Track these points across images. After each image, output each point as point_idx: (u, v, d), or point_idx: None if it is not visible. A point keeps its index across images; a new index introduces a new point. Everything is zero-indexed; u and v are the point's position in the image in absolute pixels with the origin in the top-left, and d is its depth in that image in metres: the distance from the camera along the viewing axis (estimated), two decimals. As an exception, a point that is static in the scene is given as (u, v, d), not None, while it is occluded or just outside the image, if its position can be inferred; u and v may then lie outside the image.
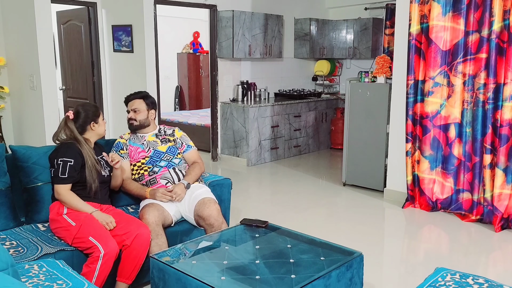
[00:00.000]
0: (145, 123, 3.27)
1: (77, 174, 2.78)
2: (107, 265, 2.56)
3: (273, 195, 5.28)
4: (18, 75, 5.03)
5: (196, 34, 9.66)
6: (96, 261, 2.53)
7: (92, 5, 5.66)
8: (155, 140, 3.27)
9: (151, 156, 3.20)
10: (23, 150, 2.96)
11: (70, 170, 2.76)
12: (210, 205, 3.01)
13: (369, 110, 5.10)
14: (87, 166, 2.81)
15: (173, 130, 3.39)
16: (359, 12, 7.46)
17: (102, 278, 2.57)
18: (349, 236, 3.97)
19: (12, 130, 5.36)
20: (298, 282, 2.21)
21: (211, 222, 2.97)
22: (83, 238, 2.62)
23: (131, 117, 3.27)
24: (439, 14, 4.23)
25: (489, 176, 4.10)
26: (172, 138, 3.32)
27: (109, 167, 3.01)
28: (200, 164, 3.33)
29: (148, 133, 3.30)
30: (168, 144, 3.27)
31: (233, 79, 6.76)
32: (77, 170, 2.78)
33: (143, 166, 3.19)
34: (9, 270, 1.73)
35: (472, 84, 4.18)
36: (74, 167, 2.78)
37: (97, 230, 2.64)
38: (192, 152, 3.35)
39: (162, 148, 3.24)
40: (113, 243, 2.61)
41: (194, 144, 3.41)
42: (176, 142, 3.31)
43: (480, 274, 2.45)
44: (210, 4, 6.29)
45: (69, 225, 2.68)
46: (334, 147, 7.47)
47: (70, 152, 2.80)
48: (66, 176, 2.75)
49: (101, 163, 2.95)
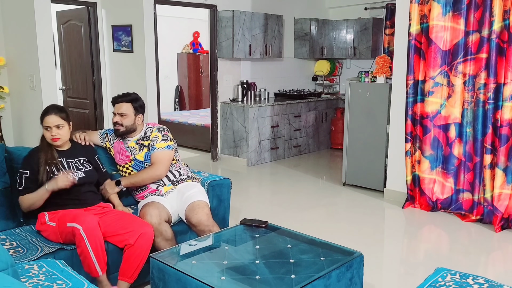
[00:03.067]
0: (131, 129, 3.13)
1: (35, 184, 2.75)
2: (94, 237, 2.54)
3: (273, 195, 5.28)
4: (18, 75, 5.03)
5: (196, 34, 9.66)
6: (82, 240, 2.52)
7: (92, 5, 5.66)
8: (134, 147, 3.16)
9: (133, 161, 3.16)
10: (18, 152, 2.96)
11: (26, 181, 2.77)
12: (199, 211, 2.96)
13: (369, 110, 5.10)
14: (39, 173, 2.77)
15: (152, 130, 3.18)
16: (359, 12, 7.46)
17: (101, 256, 2.56)
18: (349, 236, 3.96)
19: (12, 130, 5.35)
20: (298, 282, 2.21)
21: (202, 228, 2.95)
22: (64, 230, 2.63)
23: (117, 122, 3.10)
24: (439, 14, 4.23)
25: (489, 176, 4.09)
26: (147, 143, 3.13)
27: (86, 168, 2.95)
28: (155, 167, 3.06)
29: (132, 138, 3.19)
30: (144, 151, 3.14)
31: (233, 79, 6.76)
32: (34, 181, 2.76)
33: (130, 170, 3.17)
34: (9, 270, 1.73)
35: (472, 84, 4.18)
36: (30, 178, 2.77)
37: (69, 216, 2.65)
38: (153, 155, 3.09)
39: (139, 156, 3.14)
40: (88, 217, 2.61)
41: (166, 144, 3.12)
42: (149, 147, 3.13)
43: (480, 274, 2.45)
44: (210, 4, 6.29)
45: (52, 227, 2.71)
46: (334, 147, 7.47)
47: (27, 163, 2.81)
48: (21, 188, 2.76)
49: (73, 165, 2.90)
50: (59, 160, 2.86)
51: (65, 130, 2.87)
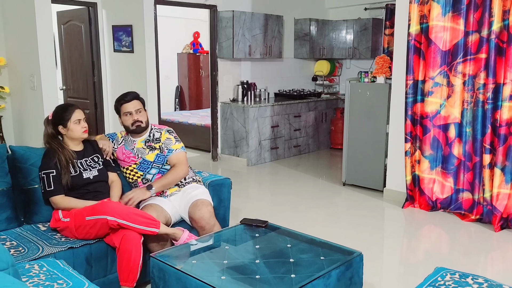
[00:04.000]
0: (147, 124, 3.17)
1: (61, 183, 2.79)
2: (122, 213, 2.57)
3: (273, 195, 5.28)
4: (19, 75, 5.03)
5: (196, 34, 9.66)
6: (115, 225, 2.56)
7: (92, 5, 5.67)
8: (143, 147, 3.15)
9: (140, 163, 3.14)
10: (22, 151, 2.96)
11: (54, 180, 2.78)
12: (202, 207, 2.98)
13: (369, 110, 5.11)
14: (61, 173, 2.80)
15: (161, 133, 3.20)
16: (359, 12, 7.47)
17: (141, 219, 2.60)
18: (349, 236, 3.97)
19: (13, 130, 5.36)
20: (298, 282, 2.22)
21: (203, 224, 2.95)
22: (83, 224, 2.64)
23: (137, 119, 3.09)
24: (439, 14, 4.23)
25: (489, 176, 4.10)
26: (158, 145, 3.15)
27: (99, 166, 2.98)
28: (179, 168, 3.11)
29: (139, 138, 3.18)
30: (155, 152, 3.14)
31: (233, 79, 6.76)
32: (60, 180, 2.79)
33: (135, 172, 3.16)
34: (9, 270, 1.73)
35: (472, 84, 4.18)
36: (57, 177, 2.79)
37: (86, 210, 2.67)
38: (173, 156, 3.13)
39: (149, 157, 3.13)
40: (103, 203, 2.66)
41: (181, 145, 3.20)
42: (162, 149, 3.15)
43: (479, 273, 2.46)
44: (210, 5, 6.30)
45: (66, 223, 2.72)
46: (334, 147, 7.47)
47: (48, 162, 2.81)
48: (53, 188, 2.78)
49: (86, 164, 2.92)
50: (74, 159, 2.89)
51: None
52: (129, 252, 2.58)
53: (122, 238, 2.60)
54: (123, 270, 2.61)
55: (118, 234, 2.62)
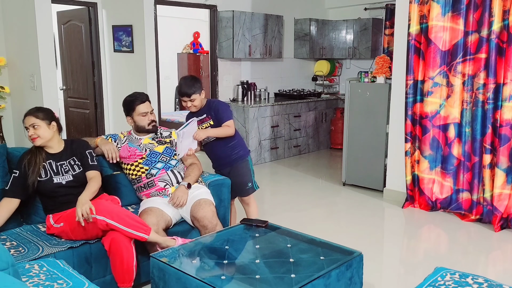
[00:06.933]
0: (157, 122, 3.33)
1: (22, 186, 2.73)
2: (111, 213, 2.55)
3: (273, 195, 5.28)
4: (19, 75, 5.04)
5: (196, 34, 9.65)
6: (103, 225, 2.54)
7: (92, 5, 5.67)
8: (151, 142, 3.24)
9: (147, 156, 3.16)
10: (17, 153, 2.96)
11: (13, 182, 2.74)
12: (205, 207, 2.99)
13: (369, 110, 5.11)
14: (27, 175, 2.75)
15: (170, 132, 3.35)
16: (359, 12, 7.47)
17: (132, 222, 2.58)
18: (349, 236, 3.97)
19: (13, 130, 5.36)
20: (298, 282, 2.22)
21: (205, 223, 2.96)
22: (76, 226, 2.62)
23: (153, 119, 3.23)
24: (439, 14, 4.24)
25: (489, 176, 4.10)
26: (169, 140, 3.29)
27: (77, 169, 2.90)
28: (198, 165, 3.31)
29: (146, 135, 3.26)
30: (164, 145, 3.24)
31: (233, 79, 6.76)
32: (21, 182, 2.73)
33: (140, 167, 3.16)
34: (9, 270, 1.73)
35: (471, 84, 4.18)
36: (18, 179, 2.74)
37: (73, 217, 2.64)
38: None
39: (158, 149, 3.21)
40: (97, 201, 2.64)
41: None
42: (173, 144, 3.28)
43: (479, 273, 2.45)
44: (210, 5, 6.30)
45: (61, 228, 2.72)
46: (334, 147, 7.47)
47: (18, 163, 2.78)
48: (7, 188, 2.74)
49: (61, 168, 2.86)
50: (48, 162, 2.83)
51: (43, 130, 2.79)
52: (120, 254, 2.56)
53: (111, 240, 2.57)
54: (118, 272, 2.60)
55: (107, 236, 2.60)
